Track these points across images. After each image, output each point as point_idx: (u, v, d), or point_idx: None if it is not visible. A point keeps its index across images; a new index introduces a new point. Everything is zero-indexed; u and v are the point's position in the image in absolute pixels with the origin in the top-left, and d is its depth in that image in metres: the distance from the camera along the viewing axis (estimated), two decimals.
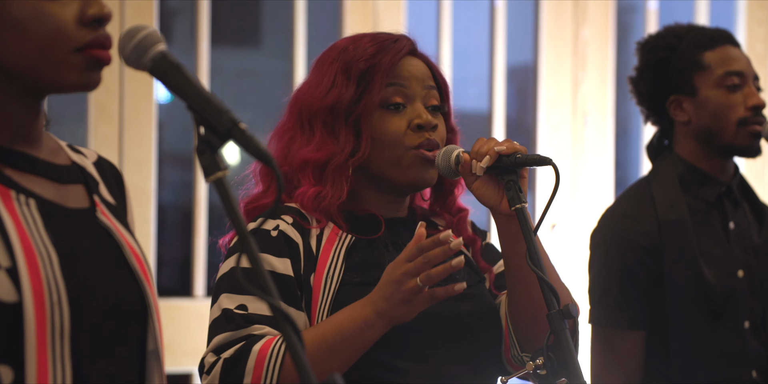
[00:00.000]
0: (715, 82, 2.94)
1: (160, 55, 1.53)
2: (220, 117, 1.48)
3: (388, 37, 2.26)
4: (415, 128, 2.20)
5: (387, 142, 2.20)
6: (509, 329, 2.19)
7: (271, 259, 2.11)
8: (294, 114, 2.25)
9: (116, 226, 1.69)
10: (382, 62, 2.20)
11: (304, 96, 2.24)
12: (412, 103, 2.23)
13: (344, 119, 2.20)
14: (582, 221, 4.72)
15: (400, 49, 2.23)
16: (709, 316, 2.84)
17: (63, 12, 1.58)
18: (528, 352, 2.17)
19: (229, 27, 4.82)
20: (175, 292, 4.38)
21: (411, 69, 2.24)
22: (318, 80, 2.24)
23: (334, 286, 2.11)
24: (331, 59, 2.25)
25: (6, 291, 1.50)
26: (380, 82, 2.20)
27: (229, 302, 2.08)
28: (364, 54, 2.22)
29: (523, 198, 2.10)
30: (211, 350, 2.05)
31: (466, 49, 4.94)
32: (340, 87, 2.20)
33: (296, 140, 2.24)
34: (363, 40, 2.25)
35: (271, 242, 2.13)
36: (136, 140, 4.28)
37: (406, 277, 1.98)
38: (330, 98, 2.20)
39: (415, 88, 2.23)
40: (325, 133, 2.20)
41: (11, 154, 1.61)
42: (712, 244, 2.90)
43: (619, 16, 5.07)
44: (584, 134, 4.89)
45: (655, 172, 3.00)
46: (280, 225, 2.15)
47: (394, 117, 2.21)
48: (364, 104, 2.19)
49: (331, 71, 2.23)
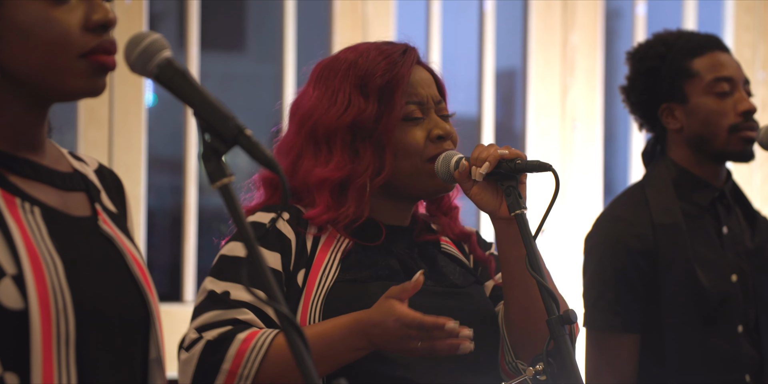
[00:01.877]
0: (704, 89, 2.95)
1: (166, 62, 1.53)
2: (226, 123, 1.48)
3: (394, 48, 2.26)
4: (435, 139, 2.22)
5: (407, 154, 2.21)
6: (504, 335, 2.20)
7: (263, 251, 2.10)
8: (304, 131, 2.23)
9: (118, 234, 1.69)
10: (398, 77, 2.21)
11: (316, 113, 2.22)
12: (429, 116, 2.25)
13: (367, 137, 2.19)
14: (570, 226, 4.73)
15: (411, 62, 2.24)
16: (703, 320, 2.85)
17: (68, 18, 1.58)
18: (522, 359, 2.18)
19: (214, 31, 4.81)
20: (165, 297, 4.37)
21: (422, 83, 2.25)
22: (329, 96, 2.22)
23: (328, 284, 2.12)
24: (341, 74, 2.23)
25: (12, 298, 1.50)
26: (400, 99, 2.20)
27: (214, 286, 2.10)
28: (378, 69, 2.21)
29: (523, 204, 2.11)
30: (195, 327, 2.06)
31: (455, 53, 4.94)
32: (358, 104, 2.19)
33: (306, 158, 2.22)
34: (370, 52, 2.24)
35: (263, 234, 2.14)
36: (126, 145, 4.27)
37: (410, 340, 1.97)
38: (349, 116, 2.19)
39: (430, 102, 2.25)
40: (345, 152, 2.19)
41: (16, 161, 1.61)
42: (706, 249, 2.91)
43: (607, 20, 5.08)
44: (573, 139, 4.90)
45: (649, 176, 3.02)
46: (275, 219, 2.16)
47: (413, 128, 2.22)
48: (386, 122, 2.19)
49: (344, 87, 2.21)
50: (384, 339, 1.99)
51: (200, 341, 2.04)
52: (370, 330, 2.00)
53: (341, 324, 2.03)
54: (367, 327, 2.00)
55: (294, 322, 1.44)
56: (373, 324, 1.99)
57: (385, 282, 2.14)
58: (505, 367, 2.21)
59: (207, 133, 1.49)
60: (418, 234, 2.29)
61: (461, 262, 2.29)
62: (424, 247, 2.27)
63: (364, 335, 2.01)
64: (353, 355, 2.03)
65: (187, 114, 4.37)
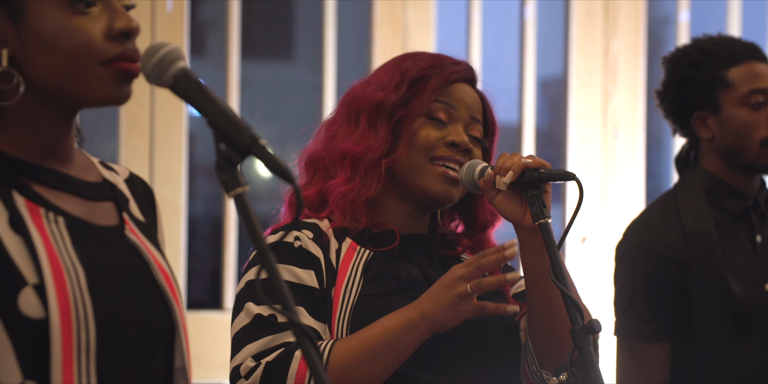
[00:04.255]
0: (738, 100, 2.91)
1: (181, 72, 1.54)
2: (240, 133, 1.49)
3: (449, 58, 2.32)
4: (449, 144, 2.23)
5: (416, 147, 2.23)
6: (527, 345, 2.19)
7: (297, 270, 2.12)
8: (344, 107, 2.31)
9: (144, 243, 1.70)
10: (436, 74, 2.26)
11: (357, 90, 2.30)
12: (454, 124, 2.26)
13: (387, 118, 2.24)
14: (612, 235, 4.70)
15: (458, 71, 2.28)
16: (735, 329, 2.82)
17: (91, 26, 1.60)
18: (547, 368, 2.17)
19: (261, 39, 4.84)
20: (205, 304, 4.40)
21: (463, 94, 2.28)
22: (374, 79, 2.30)
23: (352, 298, 2.12)
24: (392, 65, 2.31)
25: (33, 307, 1.51)
26: (430, 93, 2.24)
27: (261, 310, 2.09)
28: (421, 64, 2.28)
29: (546, 213, 2.10)
30: (250, 355, 2.04)
31: (496, 60, 4.93)
32: (390, 87, 2.26)
33: (341, 131, 2.28)
34: (425, 53, 2.33)
35: (295, 254, 2.14)
36: (167, 153, 4.30)
37: (458, 281, 2.01)
38: (379, 95, 2.25)
39: (462, 112, 2.27)
40: (367, 128, 2.25)
41: (41, 171, 1.63)
42: (738, 257, 2.88)
43: (651, 28, 5.05)
44: (614, 147, 4.87)
45: (681, 184, 2.99)
46: (300, 237, 2.17)
47: (432, 128, 2.24)
48: (409, 109, 2.24)
49: (389, 73, 2.29)
50: (433, 297, 2.02)
51: (260, 367, 2.02)
52: (420, 299, 2.04)
53: (398, 316, 2.05)
54: (418, 300, 2.05)
55: (306, 332, 1.44)
56: (424, 294, 2.05)
57: (409, 295, 2.14)
58: (528, 377, 2.20)
59: (222, 142, 1.50)
60: (437, 246, 2.29)
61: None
62: (443, 258, 2.28)
63: (415, 305, 2.04)
64: (408, 335, 2.03)
65: None
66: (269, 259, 1.46)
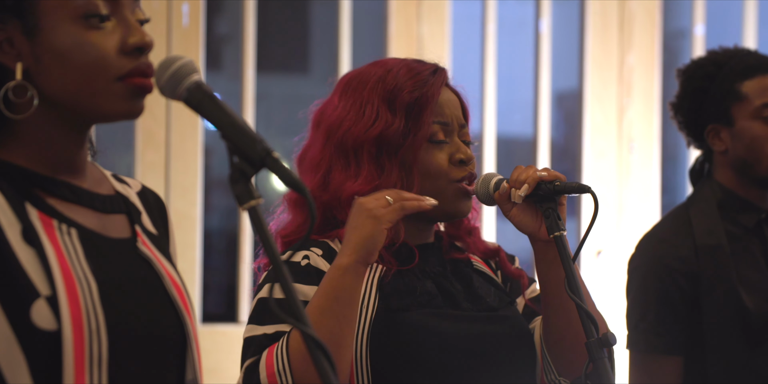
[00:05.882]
0: (751, 113, 2.90)
1: (195, 85, 1.54)
2: (254, 146, 1.49)
3: (424, 67, 2.25)
4: (457, 163, 2.21)
5: (432, 175, 2.20)
6: (544, 353, 2.19)
7: (303, 288, 2.10)
8: (333, 143, 2.22)
9: (157, 256, 1.70)
10: (427, 96, 2.20)
11: (345, 124, 2.21)
12: (451, 137, 2.24)
13: (392, 152, 2.19)
14: (628, 248, 4.68)
15: (440, 82, 2.23)
16: (748, 343, 2.81)
17: (105, 42, 1.60)
18: (565, 376, 2.16)
19: (276, 53, 4.85)
20: (221, 317, 4.40)
21: (449, 104, 2.24)
22: (357, 108, 2.21)
23: (369, 315, 2.10)
24: (369, 86, 2.22)
25: (46, 319, 1.52)
26: (428, 118, 2.20)
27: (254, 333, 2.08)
28: (406, 85, 2.20)
29: (561, 225, 2.10)
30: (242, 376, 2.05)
31: (511, 74, 4.93)
32: (385, 118, 2.19)
33: (336, 171, 2.21)
34: (400, 69, 2.23)
35: (301, 272, 2.12)
36: (183, 167, 4.31)
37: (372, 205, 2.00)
38: (376, 129, 2.19)
39: (454, 124, 2.24)
40: (372, 166, 2.19)
41: (55, 184, 1.63)
42: (750, 271, 2.87)
43: (667, 41, 5.04)
44: (630, 160, 4.86)
45: (693, 197, 2.99)
46: (309, 256, 2.15)
47: (437, 151, 2.21)
48: (413, 139, 2.19)
49: (372, 100, 2.21)
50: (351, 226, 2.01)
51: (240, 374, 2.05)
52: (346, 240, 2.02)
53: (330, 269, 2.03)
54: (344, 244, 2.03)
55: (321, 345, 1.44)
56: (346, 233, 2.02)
57: (426, 309, 2.13)
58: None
59: (235, 155, 1.50)
60: (447, 251, 2.28)
61: (494, 282, 2.28)
62: (455, 264, 2.26)
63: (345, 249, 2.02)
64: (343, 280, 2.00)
65: None
66: (282, 270, 1.45)
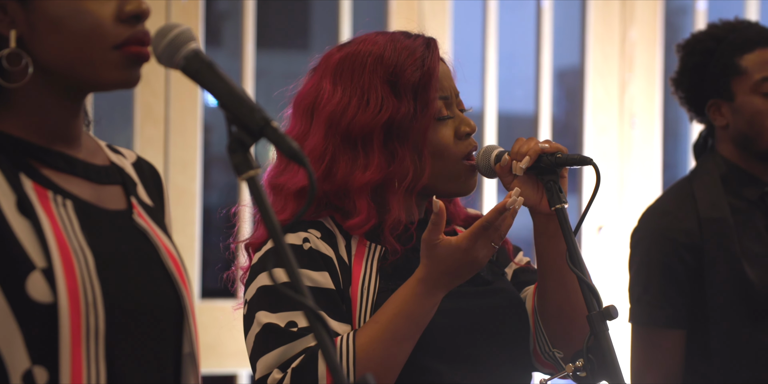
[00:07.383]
0: (751, 87, 2.88)
1: (193, 54, 1.52)
2: (252, 115, 1.46)
3: (416, 42, 2.15)
4: (463, 136, 2.16)
5: (442, 155, 2.14)
6: (537, 325, 2.17)
7: (311, 273, 2.05)
8: (337, 133, 2.11)
9: (153, 228, 1.68)
10: (429, 73, 2.12)
11: (348, 113, 2.10)
12: (453, 111, 2.18)
13: (404, 137, 2.11)
14: (629, 224, 4.68)
15: (437, 57, 2.16)
16: (751, 316, 2.80)
17: (101, 9, 1.58)
18: (558, 348, 2.15)
19: (276, 29, 4.82)
20: (219, 293, 4.39)
21: (446, 77, 2.17)
22: (359, 95, 2.12)
23: (371, 295, 2.07)
24: (368, 70, 2.12)
25: (41, 292, 1.50)
26: (434, 95, 2.12)
27: (275, 318, 2.02)
28: (407, 65, 2.12)
29: (563, 198, 2.08)
30: (275, 367, 1.99)
31: (513, 50, 4.91)
32: (391, 103, 2.10)
33: (342, 162, 2.11)
34: (395, 45, 2.14)
35: (305, 256, 2.06)
36: (182, 142, 4.29)
37: (486, 250, 1.98)
38: (384, 116, 2.10)
39: (453, 97, 2.19)
40: (383, 155, 2.10)
41: (50, 154, 1.61)
42: (754, 244, 2.86)
43: (668, 16, 5.02)
44: (632, 136, 4.85)
45: (697, 171, 2.97)
46: (309, 238, 2.08)
47: (443, 127, 2.15)
48: (422, 121, 2.11)
49: (374, 84, 2.11)
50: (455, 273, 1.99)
51: (286, 376, 1.97)
52: (426, 275, 1.99)
53: (407, 294, 2.00)
54: (431, 280, 1.99)
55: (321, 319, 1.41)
56: (437, 273, 1.99)
57: None
58: (540, 357, 2.17)
59: (234, 125, 1.48)
60: None
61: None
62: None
63: (434, 288, 2.00)
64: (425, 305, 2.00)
65: None
66: (282, 245, 1.43)
